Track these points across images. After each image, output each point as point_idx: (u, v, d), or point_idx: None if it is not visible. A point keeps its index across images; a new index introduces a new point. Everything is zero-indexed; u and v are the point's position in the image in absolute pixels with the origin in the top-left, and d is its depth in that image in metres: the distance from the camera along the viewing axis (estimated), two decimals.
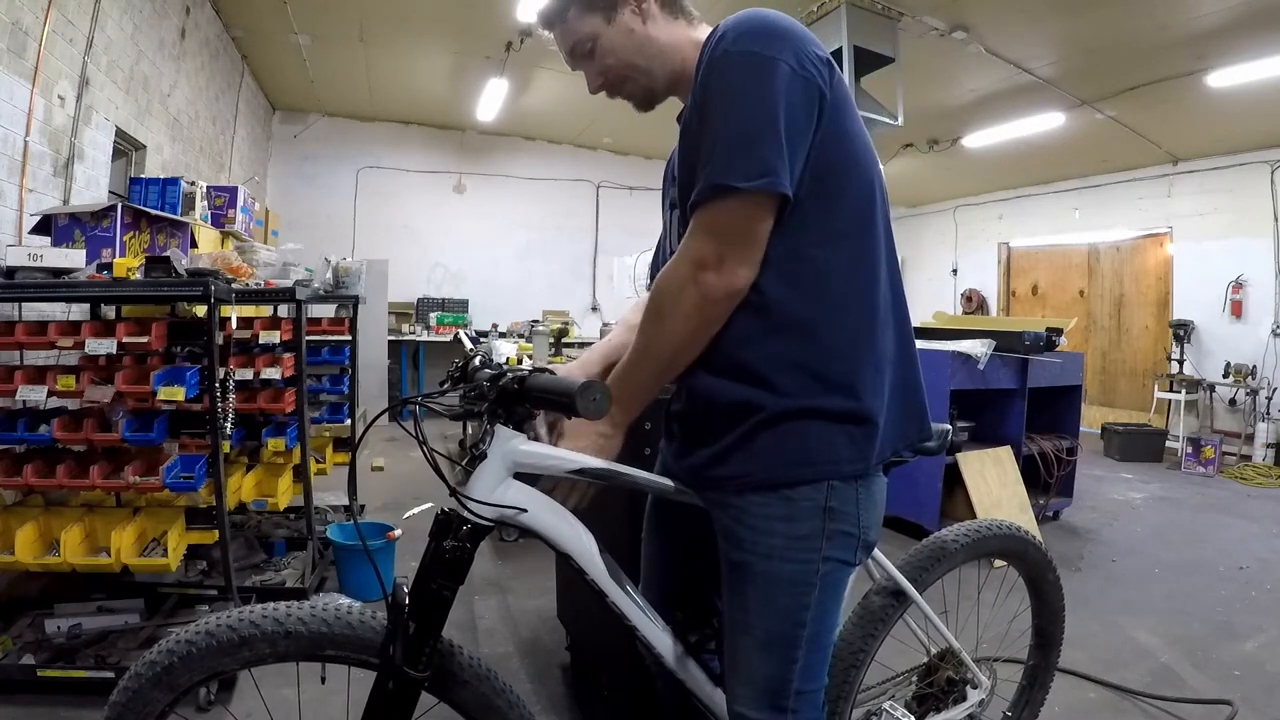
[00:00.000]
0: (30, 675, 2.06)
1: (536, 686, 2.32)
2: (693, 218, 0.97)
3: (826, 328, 1.01)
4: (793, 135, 0.93)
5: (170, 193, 3.58)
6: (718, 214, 0.95)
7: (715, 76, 0.96)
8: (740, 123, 0.93)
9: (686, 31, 1.14)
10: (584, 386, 0.90)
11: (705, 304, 0.98)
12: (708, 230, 0.96)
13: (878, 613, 1.42)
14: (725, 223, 0.95)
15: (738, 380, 1.02)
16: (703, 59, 0.99)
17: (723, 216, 0.95)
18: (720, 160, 0.93)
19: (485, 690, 1.04)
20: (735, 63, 0.94)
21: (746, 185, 0.92)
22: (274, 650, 0.95)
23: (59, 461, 2.22)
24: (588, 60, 1.16)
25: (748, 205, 0.94)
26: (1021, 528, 1.65)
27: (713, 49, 0.97)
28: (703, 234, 0.96)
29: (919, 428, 1.12)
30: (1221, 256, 6.94)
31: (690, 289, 0.97)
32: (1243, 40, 4.78)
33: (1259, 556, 3.85)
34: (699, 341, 1.02)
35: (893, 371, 1.07)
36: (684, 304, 0.98)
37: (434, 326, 8.04)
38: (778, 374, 1.00)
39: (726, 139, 0.93)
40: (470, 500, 0.98)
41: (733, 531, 1.06)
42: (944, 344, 3.84)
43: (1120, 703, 2.31)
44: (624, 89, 1.17)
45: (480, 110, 7.45)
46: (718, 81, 0.95)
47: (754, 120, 0.92)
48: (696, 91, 0.99)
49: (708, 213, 0.96)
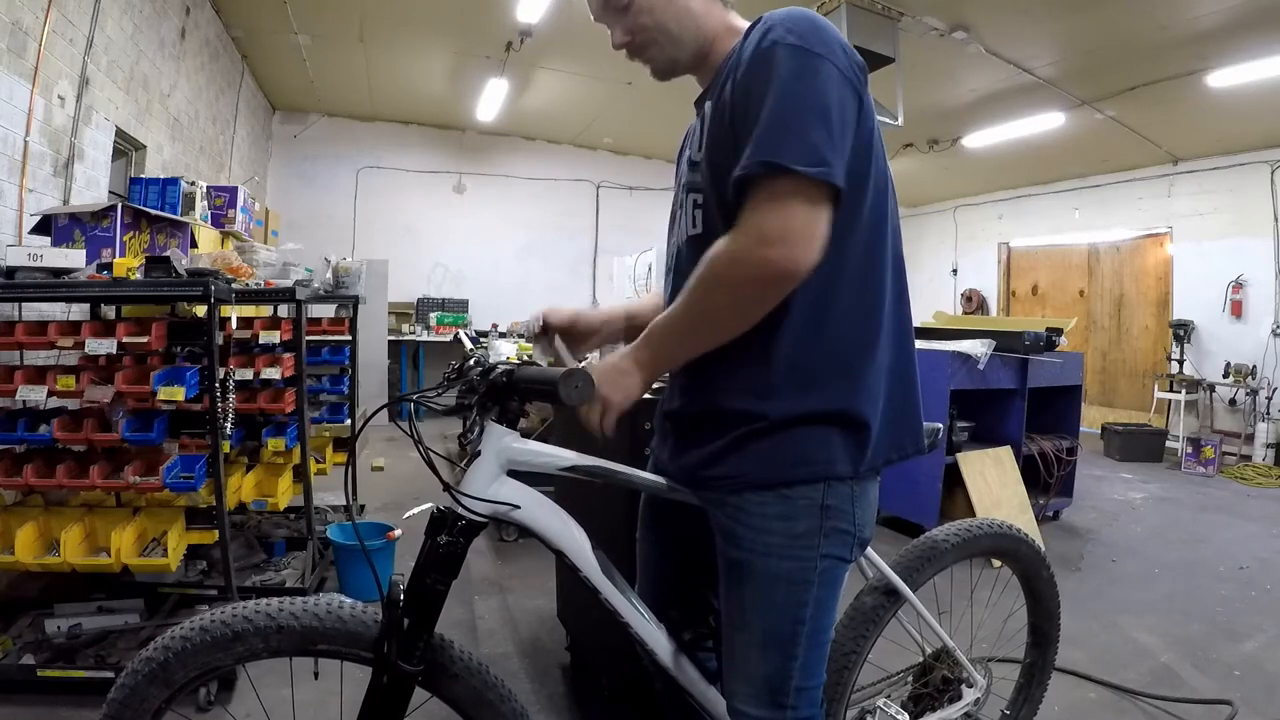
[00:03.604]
0: (30, 675, 2.06)
1: (536, 686, 2.32)
2: (752, 193, 0.94)
3: (831, 338, 1.01)
4: (842, 135, 0.93)
5: (170, 193, 3.59)
6: (778, 191, 0.92)
7: (766, 65, 0.94)
8: (794, 111, 0.92)
9: (722, 15, 1.14)
10: (566, 374, 0.93)
11: (764, 280, 0.94)
12: (772, 206, 0.92)
13: (871, 611, 1.42)
14: (788, 201, 0.92)
15: (740, 385, 1.02)
16: (747, 47, 0.99)
17: (785, 195, 0.92)
18: (772, 140, 0.91)
19: (478, 684, 1.05)
20: (787, 55, 0.93)
21: (804, 169, 0.90)
22: (267, 645, 0.96)
23: (59, 461, 2.22)
24: (620, 15, 1.12)
25: (805, 188, 0.91)
26: (1014, 526, 1.65)
27: (760, 39, 0.96)
28: (766, 209, 0.92)
29: (913, 439, 1.12)
30: (1221, 256, 6.94)
31: (749, 263, 0.93)
32: (1243, 40, 4.77)
33: (1259, 556, 3.84)
34: (745, 320, 0.97)
35: (888, 380, 1.07)
36: (739, 276, 0.94)
37: (434, 326, 8.04)
38: (781, 382, 1.01)
39: (780, 122, 0.91)
40: (464, 496, 0.99)
41: (731, 530, 1.06)
42: (944, 344, 3.84)
43: (1120, 702, 2.31)
44: (647, 53, 1.14)
45: (480, 110, 7.46)
46: (769, 71, 0.94)
47: (807, 111, 0.92)
48: (741, 78, 0.97)
49: (768, 189, 0.92)
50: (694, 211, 1.09)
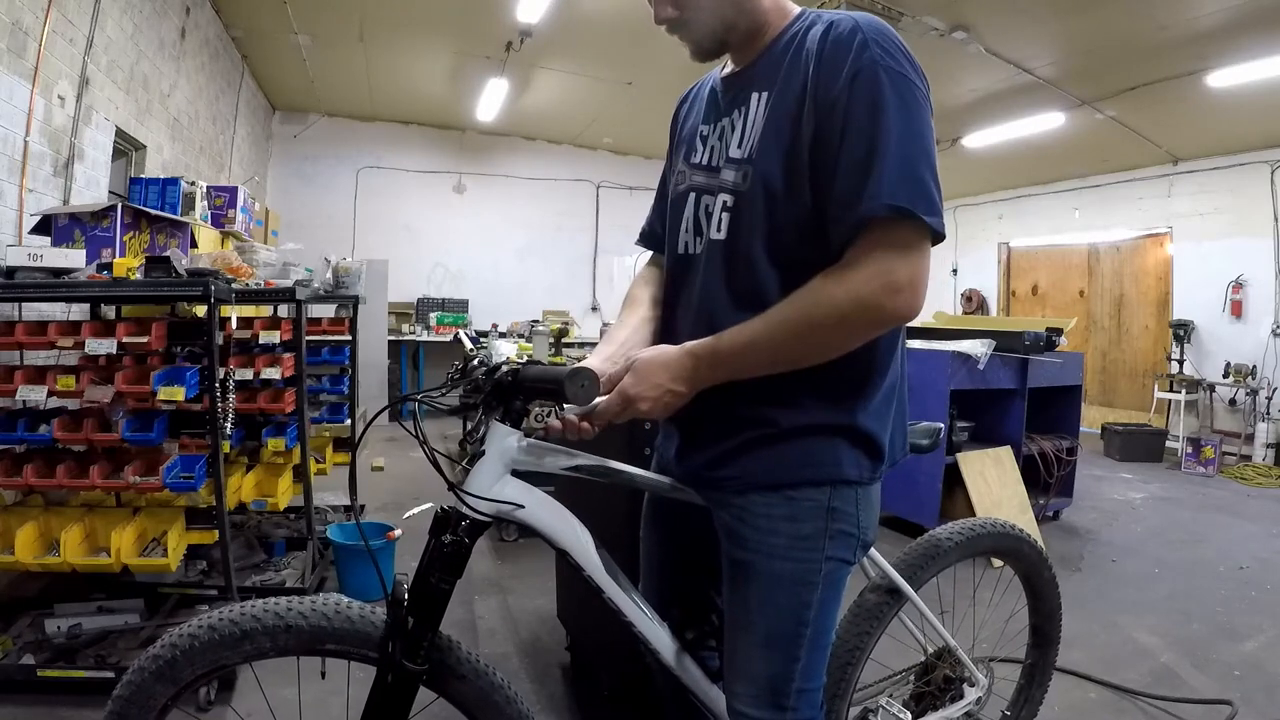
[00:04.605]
0: (30, 675, 2.06)
1: (536, 686, 2.32)
2: (873, 234, 0.90)
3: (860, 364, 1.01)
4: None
5: (170, 193, 3.58)
6: (909, 240, 0.90)
7: (873, 88, 0.90)
8: (914, 155, 0.90)
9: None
10: (572, 373, 0.92)
11: (880, 325, 0.93)
12: (904, 255, 0.90)
13: (873, 610, 1.42)
14: (916, 248, 0.90)
15: (759, 394, 1.01)
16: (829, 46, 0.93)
17: (914, 244, 0.90)
18: (899, 184, 0.88)
19: (482, 684, 1.05)
20: (890, 80, 0.90)
21: (931, 221, 0.89)
22: (274, 644, 0.96)
23: (59, 461, 2.22)
24: None
25: (924, 238, 0.91)
26: (1016, 525, 1.65)
27: (857, 54, 0.91)
28: (898, 257, 0.90)
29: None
30: (1221, 256, 6.94)
31: (876, 308, 0.90)
32: (1243, 40, 4.77)
33: (1259, 556, 3.85)
34: (833, 356, 0.95)
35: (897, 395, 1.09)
36: (863, 320, 0.92)
37: (434, 326, 8.04)
38: (801, 393, 1.00)
39: (905, 167, 0.89)
40: (468, 496, 0.99)
41: (735, 531, 1.06)
42: (944, 344, 3.85)
43: (1120, 703, 2.31)
44: (693, 31, 1.04)
45: (480, 110, 7.46)
46: (878, 97, 0.90)
47: (922, 154, 0.91)
48: (838, 93, 0.92)
49: (898, 236, 0.90)
50: (721, 215, 1.04)
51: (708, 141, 1.11)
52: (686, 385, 0.97)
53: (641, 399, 0.96)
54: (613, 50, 5.90)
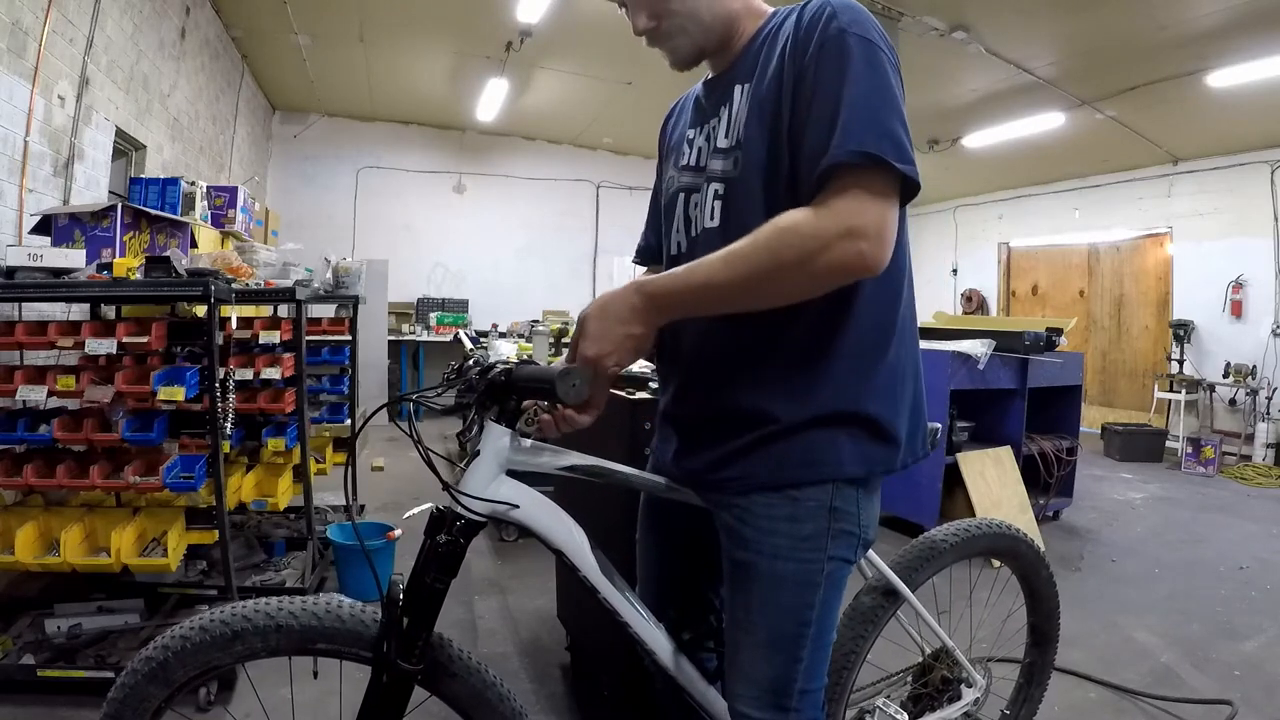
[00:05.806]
0: (30, 675, 2.06)
1: (536, 686, 2.32)
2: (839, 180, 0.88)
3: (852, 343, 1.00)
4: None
5: (170, 193, 3.59)
6: (874, 186, 0.87)
7: (838, 51, 0.91)
8: (879, 104, 0.89)
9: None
10: (563, 373, 0.92)
11: (846, 271, 0.88)
12: (869, 200, 0.87)
13: (870, 611, 1.42)
14: (884, 196, 0.87)
15: (759, 390, 1.01)
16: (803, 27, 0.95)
17: (880, 191, 0.87)
18: (863, 129, 0.87)
19: (476, 683, 1.05)
20: (855, 44, 0.91)
21: (900, 166, 0.86)
22: (266, 644, 0.96)
23: (59, 461, 2.22)
24: None
25: (893, 185, 0.88)
26: (1013, 525, 1.65)
27: (825, 23, 0.93)
28: (862, 201, 0.86)
29: (924, 442, 1.11)
30: (1221, 256, 6.94)
31: (835, 250, 0.86)
32: (1243, 40, 4.77)
33: (1259, 556, 3.84)
34: (798, 298, 0.92)
35: (913, 382, 1.07)
36: (820, 261, 0.87)
37: (434, 326, 8.05)
38: (801, 388, 0.99)
39: (869, 114, 0.88)
40: (463, 495, 0.99)
41: (736, 531, 1.05)
42: (944, 344, 3.84)
43: (1120, 703, 2.31)
44: (672, 41, 1.07)
45: (480, 110, 7.47)
46: (843, 58, 0.90)
47: (888, 105, 0.90)
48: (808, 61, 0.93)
49: (863, 181, 0.87)
50: (713, 204, 1.05)
51: (694, 144, 1.12)
52: (642, 325, 0.94)
53: (604, 356, 0.93)
54: (613, 50, 5.90)
